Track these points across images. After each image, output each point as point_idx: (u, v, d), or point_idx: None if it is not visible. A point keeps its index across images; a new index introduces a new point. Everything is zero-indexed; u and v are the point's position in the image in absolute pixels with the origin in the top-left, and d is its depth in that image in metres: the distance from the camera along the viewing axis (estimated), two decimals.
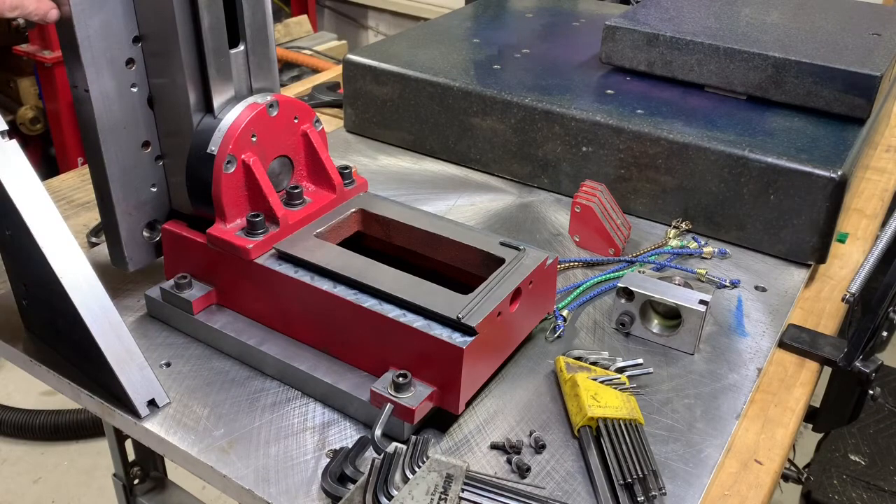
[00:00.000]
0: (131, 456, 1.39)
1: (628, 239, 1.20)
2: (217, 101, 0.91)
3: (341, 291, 0.86)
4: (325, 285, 0.87)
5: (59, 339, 0.92)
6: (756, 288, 1.12)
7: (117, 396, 0.86)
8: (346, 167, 1.01)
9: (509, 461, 0.82)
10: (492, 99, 1.33)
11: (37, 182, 0.84)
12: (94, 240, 1.19)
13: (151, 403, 0.86)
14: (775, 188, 1.14)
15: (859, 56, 1.26)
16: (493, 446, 0.84)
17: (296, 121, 0.96)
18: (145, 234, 0.98)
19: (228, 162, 0.88)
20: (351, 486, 0.74)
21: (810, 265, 1.17)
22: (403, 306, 0.84)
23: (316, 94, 1.73)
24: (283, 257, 0.91)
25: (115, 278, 1.04)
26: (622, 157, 1.24)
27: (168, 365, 0.93)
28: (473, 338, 0.80)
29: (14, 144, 0.84)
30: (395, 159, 1.44)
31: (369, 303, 0.85)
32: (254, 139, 0.91)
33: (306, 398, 0.89)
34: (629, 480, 0.77)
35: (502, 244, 0.93)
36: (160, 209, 0.98)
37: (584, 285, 1.09)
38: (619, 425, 0.82)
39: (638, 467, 0.77)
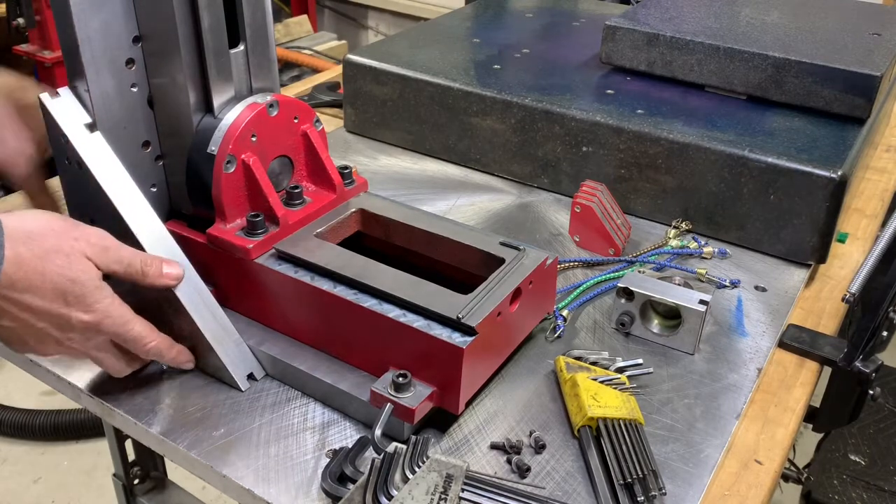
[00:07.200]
0: (131, 456, 1.39)
1: (628, 239, 1.20)
2: (217, 101, 0.91)
3: (341, 291, 0.86)
4: (325, 285, 0.87)
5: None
6: (756, 288, 1.12)
7: (214, 373, 0.90)
8: (346, 167, 1.01)
9: (509, 461, 0.82)
10: (492, 99, 1.33)
11: (123, 171, 0.87)
12: None
13: (251, 377, 0.90)
14: (775, 188, 1.14)
15: (859, 56, 1.26)
16: (493, 446, 0.84)
17: (296, 121, 0.96)
18: None
19: (228, 162, 0.88)
20: (351, 486, 0.74)
21: (810, 265, 1.17)
22: (403, 306, 0.84)
23: (316, 94, 1.72)
24: (283, 257, 0.91)
25: None
26: (622, 157, 1.24)
27: None
28: (473, 338, 0.80)
29: (98, 136, 0.86)
30: (395, 159, 1.44)
31: (369, 303, 0.85)
32: (254, 139, 0.91)
33: (306, 398, 0.89)
34: (629, 480, 0.77)
35: (502, 244, 0.93)
36: (160, 209, 0.98)
37: (584, 285, 1.09)
38: (619, 425, 0.82)
39: (638, 467, 0.77)
